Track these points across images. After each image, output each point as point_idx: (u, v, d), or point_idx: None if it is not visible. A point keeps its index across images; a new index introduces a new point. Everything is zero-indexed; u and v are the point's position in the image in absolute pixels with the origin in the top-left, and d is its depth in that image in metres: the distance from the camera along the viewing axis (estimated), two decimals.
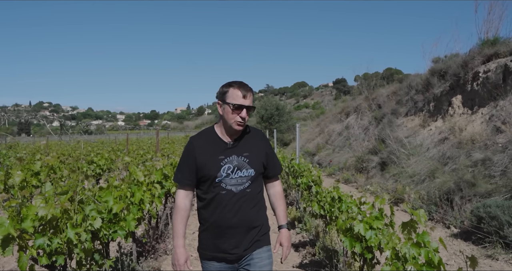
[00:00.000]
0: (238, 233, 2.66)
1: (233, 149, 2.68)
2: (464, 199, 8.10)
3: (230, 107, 2.59)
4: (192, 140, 2.74)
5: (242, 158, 2.68)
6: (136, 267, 5.02)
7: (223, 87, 2.68)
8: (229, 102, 2.59)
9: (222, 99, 2.65)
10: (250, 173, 2.68)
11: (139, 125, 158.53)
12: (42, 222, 2.94)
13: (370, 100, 19.63)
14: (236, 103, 2.59)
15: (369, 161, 14.57)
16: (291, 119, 37.82)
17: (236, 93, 2.60)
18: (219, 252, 2.66)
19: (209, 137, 2.73)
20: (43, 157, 9.13)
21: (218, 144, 2.69)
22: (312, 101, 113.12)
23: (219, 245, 2.65)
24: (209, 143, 2.69)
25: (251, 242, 2.70)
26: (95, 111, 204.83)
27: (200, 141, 2.72)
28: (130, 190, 4.71)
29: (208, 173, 2.61)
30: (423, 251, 2.71)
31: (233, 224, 2.64)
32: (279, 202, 2.94)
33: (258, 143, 2.80)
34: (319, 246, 5.99)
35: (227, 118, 2.63)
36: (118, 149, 19.97)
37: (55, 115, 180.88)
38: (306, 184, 6.94)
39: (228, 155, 2.65)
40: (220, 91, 2.69)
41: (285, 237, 2.86)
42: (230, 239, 2.65)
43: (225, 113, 2.63)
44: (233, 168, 2.64)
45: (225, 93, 2.63)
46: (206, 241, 2.71)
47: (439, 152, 10.96)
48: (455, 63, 13.00)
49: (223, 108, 2.65)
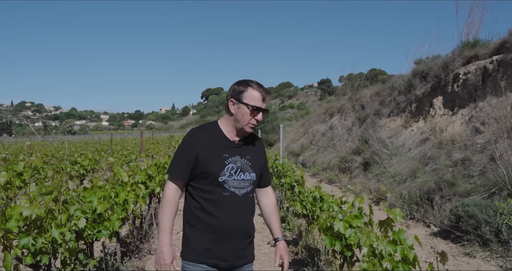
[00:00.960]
0: (235, 240, 2.53)
1: (238, 149, 2.56)
2: (444, 198, 8.27)
3: (248, 108, 2.48)
4: (194, 133, 2.57)
5: (245, 160, 2.57)
6: (120, 267, 5.05)
7: (240, 85, 2.54)
8: (247, 103, 2.48)
9: (238, 98, 2.50)
10: (252, 177, 2.59)
11: (124, 125, 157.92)
12: (27, 222, 2.98)
13: (354, 101, 19.83)
14: (255, 105, 2.49)
15: (353, 161, 14.74)
16: (276, 120, 37.93)
17: (255, 95, 2.50)
18: (212, 259, 2.47)
19: (213, 132, 2.57)
20: (26, 157, 9.10)
21: (223, 141, 2.55)
22: (297, 102, 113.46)
23: (214, 251, 2.47)
24: (213, 138, 2.53)
25: (244, 252, 2.60)
26: (79, 111, 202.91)
27: (204, 134, 2.54)
28: (114, 190, 4.74)
29: (210, 169, 2.45)
30: (399, 248, 2.82)
31: (232, 230, 2.51)
32: (275, 214, 2.80)
33: (258, 148, 2.72)
34: (302, 245, 6.08)
35: (240, 119, 2.51)
36: (102, 149, 19.88)
37: (38, 115, 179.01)
38: (289, 184, 7.04)
39: (232, 154, 2.52)
40: (235, 89, 2.53)
41: (284, 249, 2.75)
42: (227, 246, 2.49)
43: (240, 114, 2.50)
44: (236, 169, 2.51)
45: (242, 93, 2.50)
46: (197, 245, 2.48)
47: (421, 152, 11.15)
48: (436, 65, 13.24)
49: (237, 107, 2.51)
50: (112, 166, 5.57)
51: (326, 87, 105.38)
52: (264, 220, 2.85)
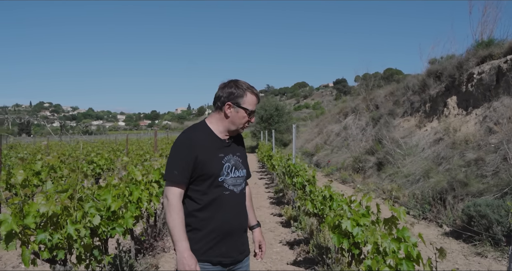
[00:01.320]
0: (237, 235, 2.59)
1: (229, 148, 2.61)
2: (457, 198, 8.26)
3: (246, 112, 2.53)
4: (190, 135, 2.53)
5: (236, 157, 2.63)
6: (134, 264, 5.17)
7: (237, 88, 2.54)
8: (246, 108, 2.53)
9: (237, 102, 2.52)
10: (244, 173, 2.66)
11: (140, 125, 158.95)
12: (44, 219, 3.10)
13: (368, 101, 19.79)
14: (252, 110, 2.57)
15: (366, 161, 14.73)
16: (291, 120, 37.92)
17: (253, 100, 2.56)
18: (216, 256, 2.49)
19: (206, 132, 2.57)
20: (44, 156, 9.30)
21: (216, 140, 2.56)
22: (313, 102, 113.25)
23: (217, 249, 2.49)
24: (207, 139, 2.53)
25: (244, 246, 2.68)
26: (96, 112, 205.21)
27: (199, 136, 2.52)
28: (128, 189, 4.86)
29: (210, 171, 2.47)
30: (403, 245, 2.87)
31: (234, 227, 2.57)
32: (250, 203, 2.86)
33: (241, 143, 2.77)
34: (313, 243, 6.15)
35: (236, 122, 2.55)
36: (118, 149, 20.13)
37: (56, 115, 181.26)
38: (300, 183, 7.09)
39: (226, 153, 2.57)
40: (233, 93, 2.53)
41: (261, 234, 2.87)
42: (229, 242, 2.54)
43: (237, 117, 2.54)
44: (231, 166, 2.57)
45: (241, 97, 2.52)
46: (200, 245, 2.47)
47: (434, 152, 11.12)
48: (450, 65, 13.17)
49: (235, 111, 2.53)
50: (127, 165, 5.68)
51: (341, 87, 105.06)
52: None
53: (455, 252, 6.51)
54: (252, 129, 40.91)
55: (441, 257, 2.15)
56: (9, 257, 6.16)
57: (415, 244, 2.87)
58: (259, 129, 35.11)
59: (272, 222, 8.66)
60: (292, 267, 5.88)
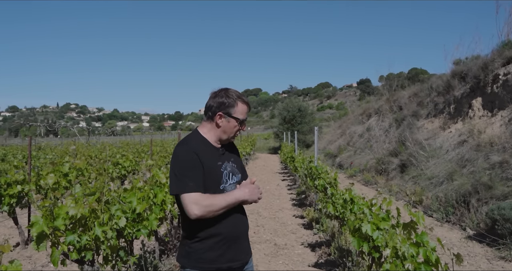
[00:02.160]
0: (242, 239, 2.63)
1: (224, 155, 2.62)
2: (481, 201, 8.17)
3: (237, 122, 2.55)
4: (191, 147, 2.49)
5: (230, 163, 2.63)
6: (159, 264, 5.30)
7: (228, 98, 2.54)
8: (237, 117, 2.55)
9: (228, 112, 2.53)
10: (239, 177, 2.66)
11: (164, 126, 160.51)
12: (72, 221, 3.24)
13: (391, 102, 19.63)
14: (244, 119, 2.59)
15: (389, 163, 14.64)
16: (314, 121, 37.76)
17: (244, 109, 2.58)
18: (226, 262, 2.49)
19: (203, 142, 2.56)
20: (71, 159, 9.54)
21: (212, 150, 2.57)
22: (336, 102, 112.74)
23: (226, 255, 2.49)
24: (206, 149, 2.53)
25: (249, 248, 2.71)
26: (121, 113, 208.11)
27: (199, 147, 2.50)
28: (152, 191, 4.99)
29: (213, 180, 2.47)
30: (422, 250, 2.91)
31: (240, 231, 2.60)
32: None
33: (234, 148, 2.78)
34: (334, 246, 6.19)
35: (228, 131, 2.57)
36: (143, 150, 20.43)
37: (82, 116, 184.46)
38: (322, 185, 7.13)
39: (223, 161, 2.58)
40: (224, 103, 2.53)
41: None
42: (237, 246, 2.56)
43: (228, 127, 2.56)
44: (228, 173, 2.57)
45: (231, 107, 2.53)
46: (209, 254, 2.46)
47: (458, 154, 11.00)
48: (475, 65, 12.98)
49: (226, 121, 2.54)
50: (151, 168, 5.82)
51: (365, 87, 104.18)
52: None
53: (478, 256, 6.46)
54: (274, 131, 40.92)
55: (458, 262, 2.19)
56: (38, 256, 6.37)
57: (434, 248, 2.90)
58: (281, 131, 35.10)
59: (294, 224, 8.71)
60: (313, 269, 5.93)
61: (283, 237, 7.67)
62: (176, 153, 2.50)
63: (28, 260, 6.24)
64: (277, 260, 6.33)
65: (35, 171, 7.63)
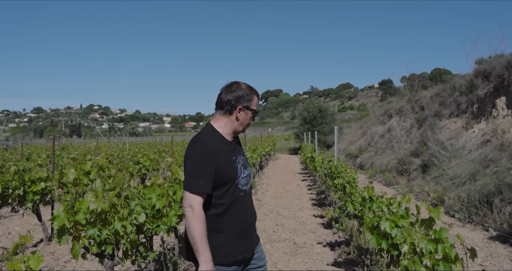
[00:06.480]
0: (253, 230, 2.75)
1: (236, 149, 2.67)
2: (504, 201, 8.04)
3: (252, 113, 2.65)
4: (206, 143, 2.50)
5: (241, 156, 2.69)
6: (178, 261, 5.34)
7: (246, 92, 2.60)
8: (254, 109, 2.65)
9: (247, 105, 2.60)
10: (249, 170, 2.74)
11: (185, 127, 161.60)
12: (93, 215, 3.30)
13: (413, 102, 19.42)
14: (257, 110, 2.70)
15: (411, 163, 14.49)
16: (334, 121, 37.57)
17: (257, 101, 2.68)
18: (241, 253, 2.58)
19: (218, 137, 2.59)
20: (93, 157, 9.67)
21: (227, 144, 2.61)
22: (357, 103, 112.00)
23: (241, 247, 2.58)
24: (221, 145, 2.56)
25: (256, 236, 2.82)
26: (143, 114, 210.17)
27: (214, 143, 2.53)
28: (172, 188, 5.03)
29: (228, 176, 2.51)
30: (440, 246, 2.88)
31: (251, 223, 2.70)
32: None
33: (238, 140, 2.82)
34: (353, 245, 6.15)
35: (244, 123, 2.64)
36: (164, 150, 20.57)
37: (105, 117, 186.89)
38: (341, 184, 7.10)
39: (236, 155, 2.62)
40: (243, 96, 2.59)
41: None
42: (249, 238, 2.67)
43: (245, 119, 2.63)
44: (241, 167, 2.63)
45: (250, 100, 2.60)
46: (225, 248, 2.51)
47: (481, 154, 10.83)
48: (499, 64, 12.77)
49: (245, 114, 2.61)
50: (171, 166, 5.86)
51: (387, 88, 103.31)
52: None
53: (501, 257, 6.35)
54: (295, 131, 40.83)
55: (472, 256, 2.16)
56: (61, 252, 6.48)
57: (453, 245, 2.87)
58: (302, 131, 35.01)
59: (314, 223, 8.68)
60: (332, 267, 5.91)
61: (303, 236, 7.65)
62: (192, 149, 2.52)
63: (51, 256, 6.36)
64: (296, 259, 6.33)
65: (58, 169, 7.76)
